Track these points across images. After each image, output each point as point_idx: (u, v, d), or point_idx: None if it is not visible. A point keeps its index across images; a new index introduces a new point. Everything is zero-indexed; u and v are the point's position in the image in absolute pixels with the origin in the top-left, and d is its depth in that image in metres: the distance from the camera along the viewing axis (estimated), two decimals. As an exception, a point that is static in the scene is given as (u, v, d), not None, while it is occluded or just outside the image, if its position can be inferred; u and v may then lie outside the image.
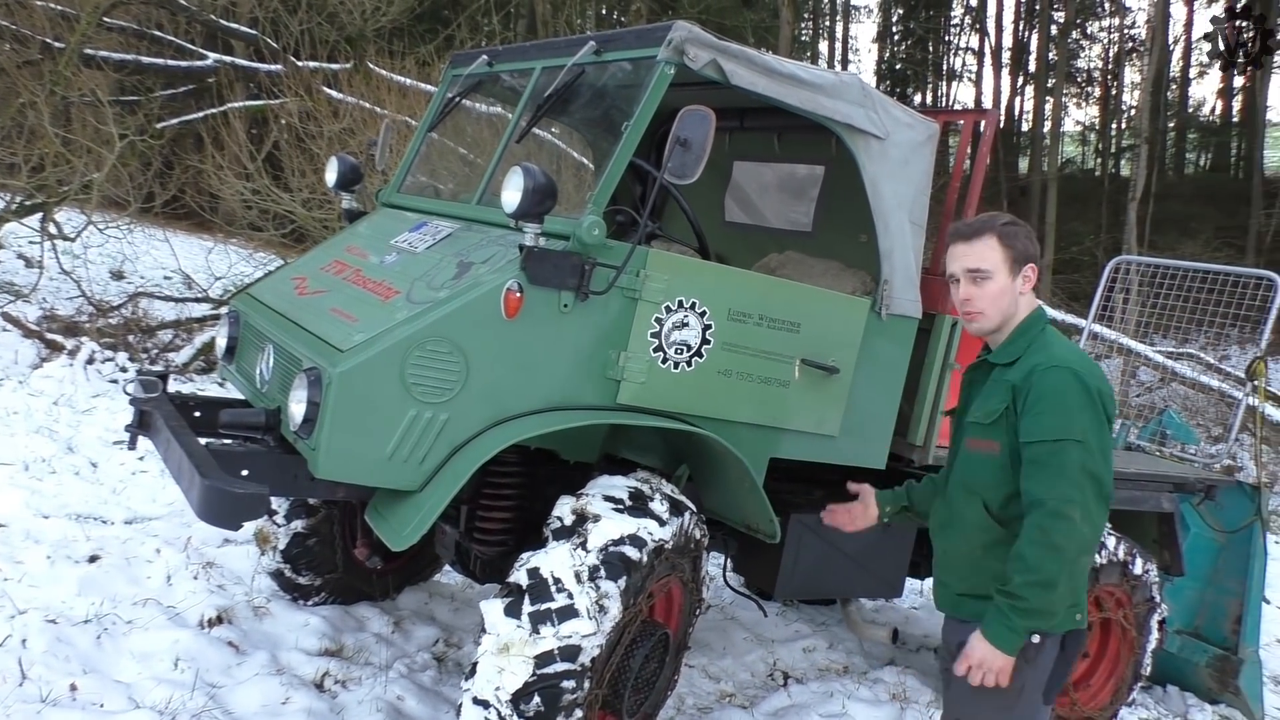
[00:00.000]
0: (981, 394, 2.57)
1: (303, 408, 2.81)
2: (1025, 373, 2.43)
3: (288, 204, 9.13)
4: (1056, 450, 2.31)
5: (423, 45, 11.89)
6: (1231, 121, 33.24)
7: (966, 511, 2.55)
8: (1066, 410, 2.34)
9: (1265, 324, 5.52)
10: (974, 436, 2.54)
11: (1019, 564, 2.32)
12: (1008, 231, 2.50)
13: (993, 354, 2.58)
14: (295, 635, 3.99)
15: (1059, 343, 2.52)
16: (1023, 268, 2.51)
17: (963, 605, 2.57)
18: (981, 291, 2.49)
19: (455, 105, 4.19)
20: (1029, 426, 2.37)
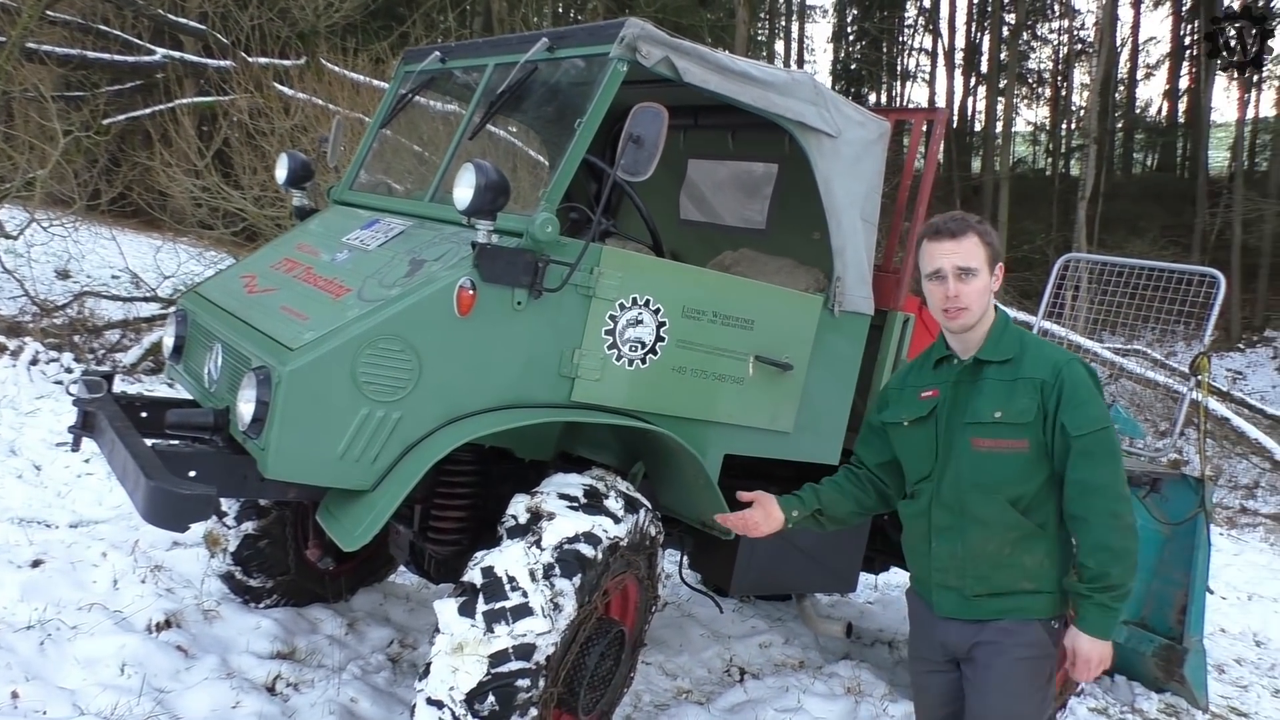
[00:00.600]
0: (985, 395, 2.53)
1: (252, 407, 2.77)
2: (1052, 369, 2.47)
3: (238, 201, 9.01)
4: (1103, 438, 2.41)
5: (377, 42, 11.78)
6: (1177, 123, 33.88)
7: (987, 512, 2.51)
8: (1096, 400, 2.45)
9: (1208, 320, 5.64)
10: (993, 436, 2.50)
11: (1108, 555, 2.36)
12: (984, 230, 2.56)
13: (981, 352, 2.57)
14: (246, 638, 3.93)
15: (1043, 339, 2.63)
16: (995, 267, 2.57)
17: (981, 606, 2.53)
18: (969, 288, 2.51)
19: (408, 102, 4.15)
20: (1077, 419, 2.42)
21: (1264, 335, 23.50)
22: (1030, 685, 2.48)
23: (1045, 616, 2.51)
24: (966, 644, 2.55)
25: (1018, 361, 2.52)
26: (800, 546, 4.07)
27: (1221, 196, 25.17)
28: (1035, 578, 2.50)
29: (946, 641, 2.60)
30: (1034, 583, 2.50)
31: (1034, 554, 2.49)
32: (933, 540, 2.61)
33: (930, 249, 2.57)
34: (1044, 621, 2.51)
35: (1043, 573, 2.50)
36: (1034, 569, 2.50)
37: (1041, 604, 2.51)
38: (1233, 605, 7.59)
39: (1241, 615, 7.32)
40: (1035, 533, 2.49)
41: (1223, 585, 7.91)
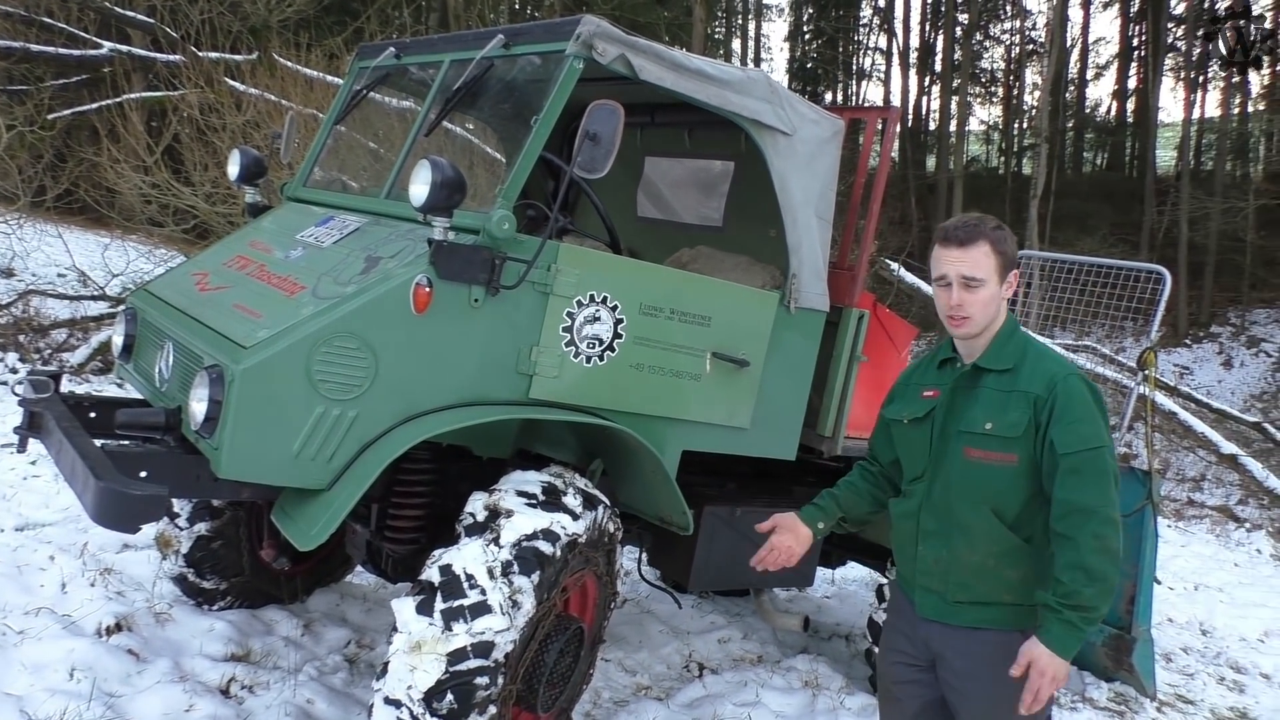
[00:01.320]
0: (981, 404, 2.48)
1: (204, 406, 2.74)
2: (1045, 383, 2.40)
3: (189, 198, 8.87)
4: (1095, 457, 2.33)
5: (330, 38, 11.66)
6: (1126, 122, 34.50)
7: (972, 521, 2.47)
8: (1093, 418, 2.37)
9: (1155, 315, 5.76)
10: (983, 447, 2.45)
11: (1084, 575, 2.28)
12: (998, 237, 2.45)
13: (982, 359, 2.51)
14: (199, 641, 3.88)
15: (1047, 349, 2.53)
16: (1008, 275, 2.48)
17: (961, 613, 2.49)
18: (974, 298, 2.44)
19: (362, 98, 4.12)
20: (1066, 437, 2.35)
21: (1210, 331, 24.03)
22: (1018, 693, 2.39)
23: (1025, 628, 2.45)
24: (946, 648, 2.52)
25: (1016, 372, 2.46)
26: (758, 542, 4.09)
27: (1169, 195, 25.67)
28: (1017, 591, 2.45)
29: (928, 641, 2.56)
30: (1015, 595, 2.46)
31: (1018, 567, 2.45)
32: (920, 543, 2.56)
33: (939, 254, 2.49)
34: (1024, 632, 2.43)
35: (1026, 586, 2.45)
36: (1016, 582, 2.45)
37: (1022, 616, 2.46)
38: (1180, 595, 7.76)
39: (1188, 605, 7.48)
40: (1020, 547, 2.45)
41: (1170, 576, 8.08)
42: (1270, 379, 21.43)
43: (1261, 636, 6.97)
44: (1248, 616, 7.39)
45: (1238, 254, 24.10)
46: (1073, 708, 4.97)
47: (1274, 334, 22.87)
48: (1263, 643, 6.85)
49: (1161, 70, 29.17)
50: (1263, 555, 10.27)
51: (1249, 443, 13.74)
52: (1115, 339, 15.70)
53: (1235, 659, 6.30)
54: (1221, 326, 24.23)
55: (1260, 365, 22.22)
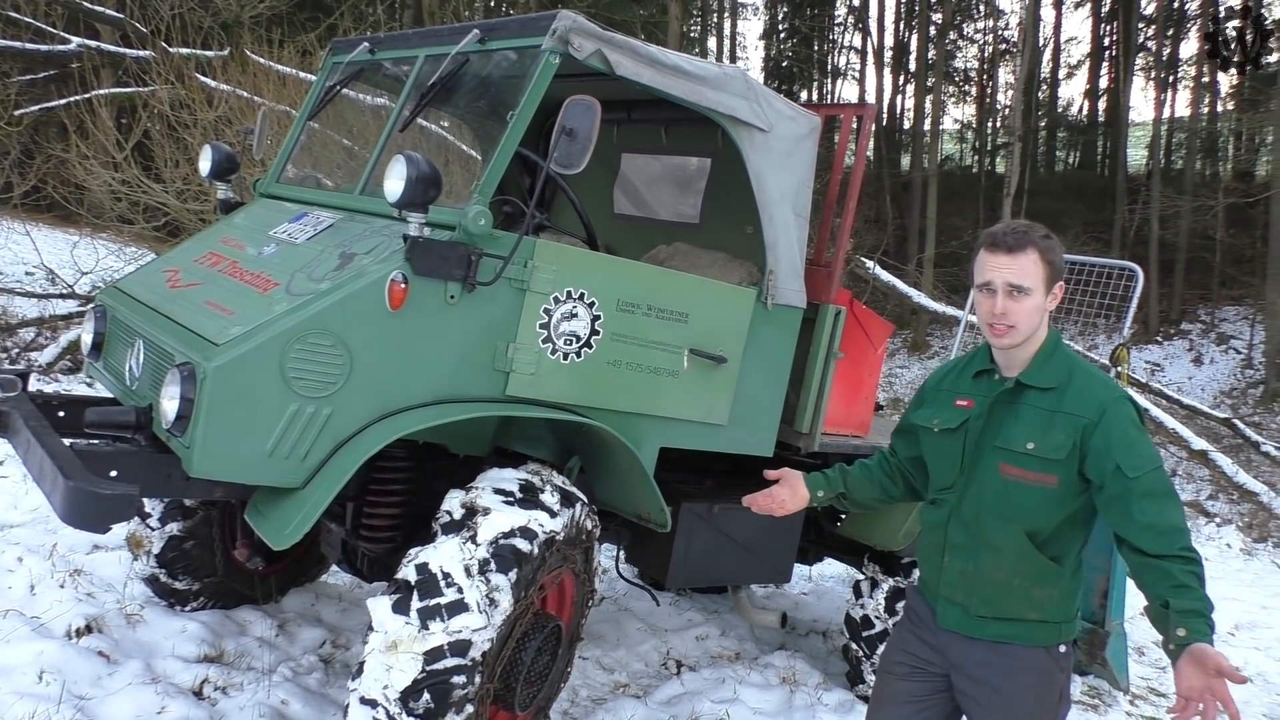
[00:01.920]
0: (1023, 421, 2.41)
1: (176, 404, 2.70)
2: (1095, 407, 2.33)
3: (160, 195, 8.77)
4: (1158, 477, 2.28)
5: (304, 34, 11.55)
6: (1097, 121, 34.77)
7: (1002, 540, 2.41)
8: (1145, 439, 2.33)
9: (1127, 312, 5.81)
10: (1021, 466, 2.38)
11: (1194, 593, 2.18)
12: (1047, 246, 2.38)
13: (1025, 375, 2.43)
14: (172, 642, 3.84)
15: (1094, 368, 2.46)
16: (1054, 286, 2.41)
17: (985, 628, 2.45)
18: (1019, 307, 2.36)
19: (336, 94, 4.09)
20: (1132, 461, 2.28)
21: (1180, 328, 24.30)
22: (1041, 704, 2.43)
23: (1048, 644, 2.44)
24: (966, 659, 2.48)
25: (1061, 391, 2.38)
26: (736, 539, 4.11)
27: (1140, 194, 25.91)
28: (1042, 609, 2.42)
29: (946, 651, 2.52)
30: (1040, 613, 2.42)
31: (1044, 587, 2.41)
32: (946, 554, 2.51)
33: (984, 260, 2.41)
34: (1049, 648, 2.44)
35: (1051, 605, 2.42)
36: (1043, 601, 2.41)
37: (1046, 633, 2.43)
38: (1152, 589, 7.82)
39: (1160, 599, 7.55)
40: (1049, 567, 2.40)
41: (1142, 570, 8.14)
42: (1239, 375, 21.70)
43: (1232, 630, 7.05)
44: (1218, 610, 7.42)
45: (1208, 252, 24.38)
46: (1047, 701, 5.00)
47: (1243, 331, 23.15)
48: (1233, 635, 6.93)
49: (1132, 70, 29.45)
50: (1233, 550, 10.40)
51: (1219, 439, 13.92)
52: (1088, 336, 15.85)
53: (1206, 652, 6.37)
54: (1192, 324, 24.51)
55: (1229, 362, 22.50)
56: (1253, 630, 7.12)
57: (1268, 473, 13.50)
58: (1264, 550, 10.53)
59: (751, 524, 4.15)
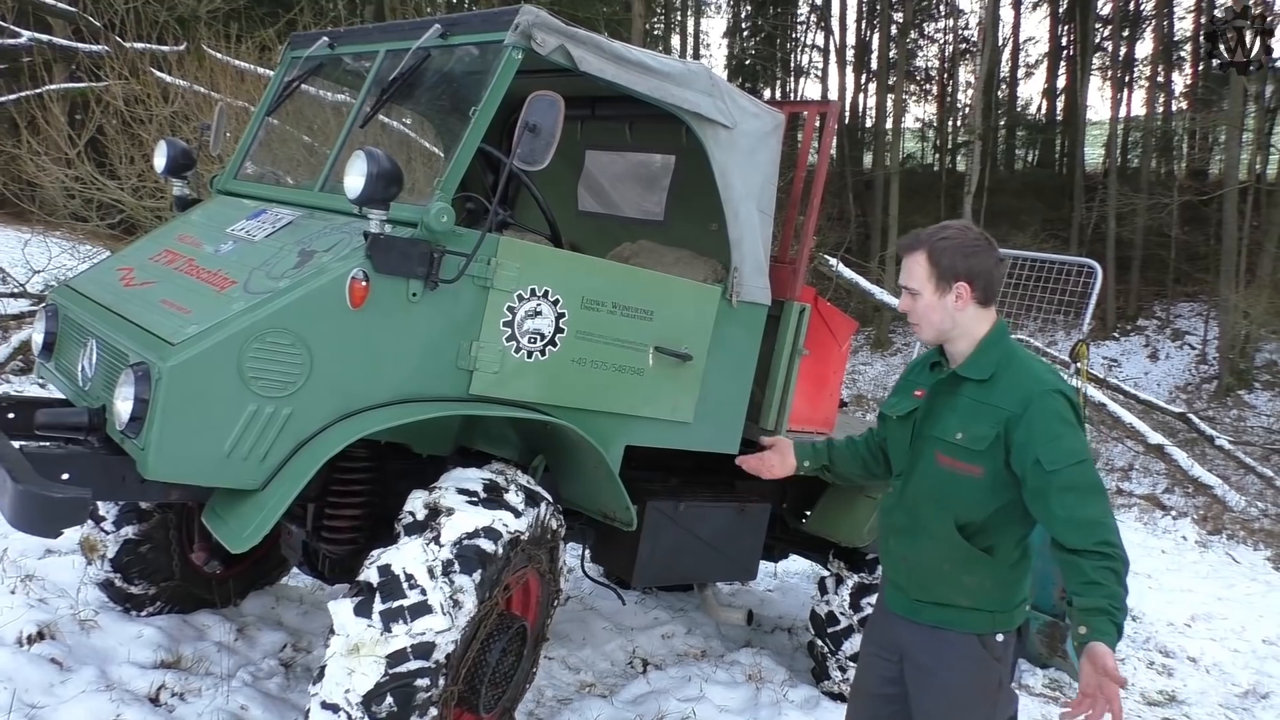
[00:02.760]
0: (956, 412, 2.47)
1: (130, 405, 2.65)
2: (1020, 400, 2.36)
3: (114, 192, 8.61)
4: (1083, 471, 2.30)
5: (262, 29, 11.38)
6: (1055, 120, 35.22)
7: (935, 526, 2.48)
8: (1074, 432, 2.35)
9: (1086, 309, 5.89)
10: (951, 455, 2.45)
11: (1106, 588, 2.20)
12: (939, 247, 2.44)
13: (961, 367, 2.49)
14: (127, 648, 3.76)
15: (1031, 360, 2.49)
16: (952, 285, 2.44)
17: (923, 612, 2.52)
18: (915, 305, 2.49)
19: (295, 89, 4.02)
20: (1051, 455, 2.30)
21: (1137, 324, 24.67)
22: (977, 692, 2.48)
23: (981, 632, 2.48)
24: (909, 644, 2.55)
25: (992, 384, 2.43)
26: (701, 536, 4.10)
27: (1097, 192, 26.27)
28: (973, 596, 2.46)
29: (896, 635, 2.60)
30: (970, 600, 2.47)
31: (975, 575, 2.45)
32: (891, 538, 2.60)
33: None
34: (983, 636, 2.48)
35: (983, 593, 2.46)
36: (973, 588, 2.46)
37: (979, 621, 2.47)
38: (1111, 582, 7.93)
39: (1118, 591, 7.65)
40: (979, 556, 2.44)
41: (1101, 563, 8.25)
42: (1194, 371, 22.08)
43: (1188, 621, 7.16)
44: (1175, 602, 7.60)
45: (1163, 249, 24.78)
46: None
47: (1197, 327, 23.56)
48: (1189, 627, 7.04)
49: (1089, 70, 29.86)
50: (1188, 542, 10.57)
51: (1174, 433, 14.15)
52: (1047, 332, 16.04)
53: (1164, 643, 6.47)
54: (1148, 320, 24.89)
55: (1184, 357, 22.89)
56: (1208, 621, 7.23)
57: (1221, 466, 13.76)
58: (1218, 542, 10.71)
59: (717, 522, 4.15)
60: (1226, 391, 19.68)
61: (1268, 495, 12.81)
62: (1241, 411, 19.01)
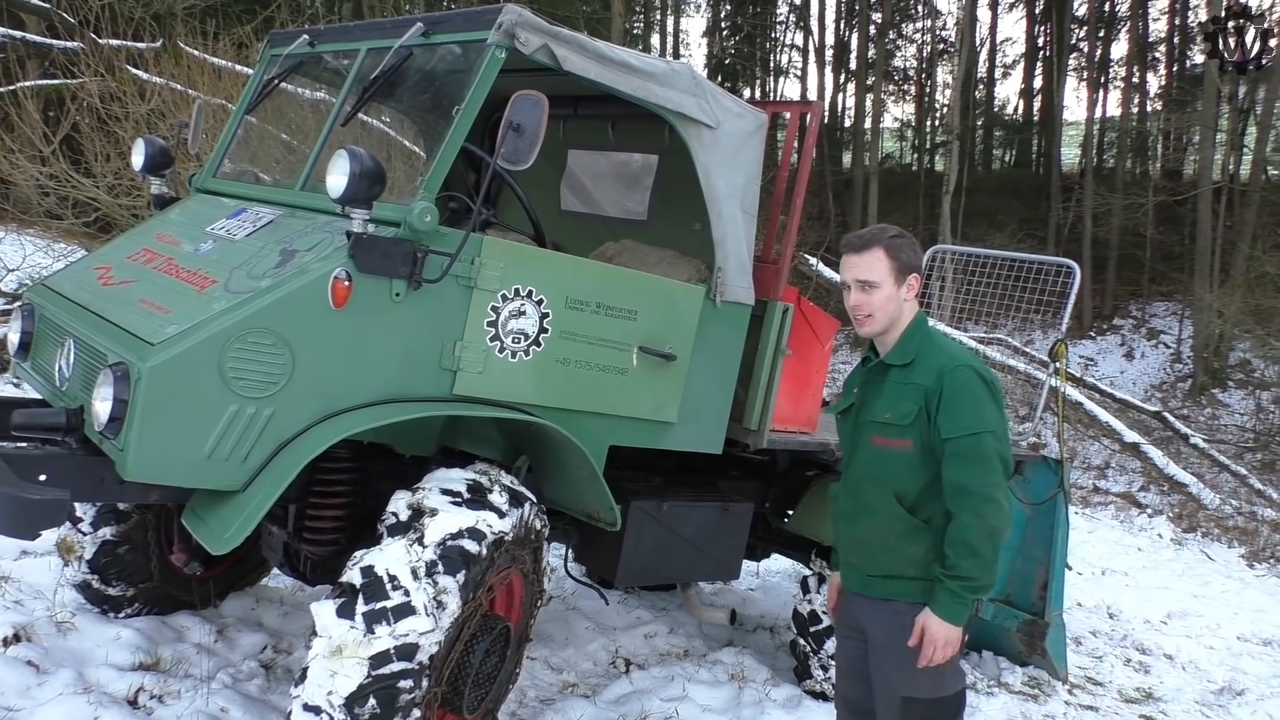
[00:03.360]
0: (883, 396, 2.69)
1: (109, 406, 2.62)
2: (934, 375, 2.60)
3: (90, 190, 8.51)
4: (976, 442, 2.53)
5: (239, 26, 11.30)
6: (1032, 120, 35.47)
7: (877, 502, 2.68)
8: (978, 405, 2.56)
9: (1065, 309, 5.92)
10: (883, 435, 2.67)
11: (963, 549, 2.51)
12: (894, 244, 2.67)
13: (887, 356, 2.71)
14: (105, 650, 3.72)
15: (948, 342, 2.74)
16: (907, 277, 2.68)
17: (874, 586, 2.71)
18: (869, 299, 2.66)
19: (275, 87, 3.99)
20: (949, 424, 2.55)
21: (1113, 323, 24.90)
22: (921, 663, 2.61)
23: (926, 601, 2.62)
24: (866, 619, 2.74)
25: (913, 365, 2.66)
26: (684, 536, 4.10)
27: (1073, 191, 26.49)
28: (918, 566, 2.64)
29: (856, 613, 2.79)
30: (916, 570, 2.64)
31: (918, 546, 2.63)
32: (841, 522, 2.81)
33: (842, 262, 2.73)
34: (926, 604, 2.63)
35: (926, 563, 2.63)
36: (918, 559, 2.63)
37: (927, 589, 2.62)
38: (1088, 580, 8.01)
39: (1096, 589, 7.74)
40: (920, 527, 2.63)
41: (1079, 561, 8.34)
42: (1169, 369, 22.30)
43: (1164, 618, 7.24)
44: (1151, 599, 7.68)
45: (1138, 249, 25.01)
46: (989, 692, 5.09)
47: (1172, 326, 23.79)
48: (1165, 624, 7.12)
49: (1065, 70, 30.09)
50: (1164, 540, 10.68)
51: (1150, 431, 14.29)
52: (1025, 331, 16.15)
53: (1140, 641, 6.53)
54: (1124, 319, 25.12)
55: (1159, 356, 23.11)
56: (1184, 619, 7.31)
57: (1196, 464, 13.91)
58: (1193, 540, 10.83)
59: (700, 521, 4.15)
60: (1201, 390, 19.89)
61: (1241, 493, 12.97)
62: (1215, 410, 19.21)
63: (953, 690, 2.68)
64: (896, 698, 2.66)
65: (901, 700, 2.66)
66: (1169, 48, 31.04)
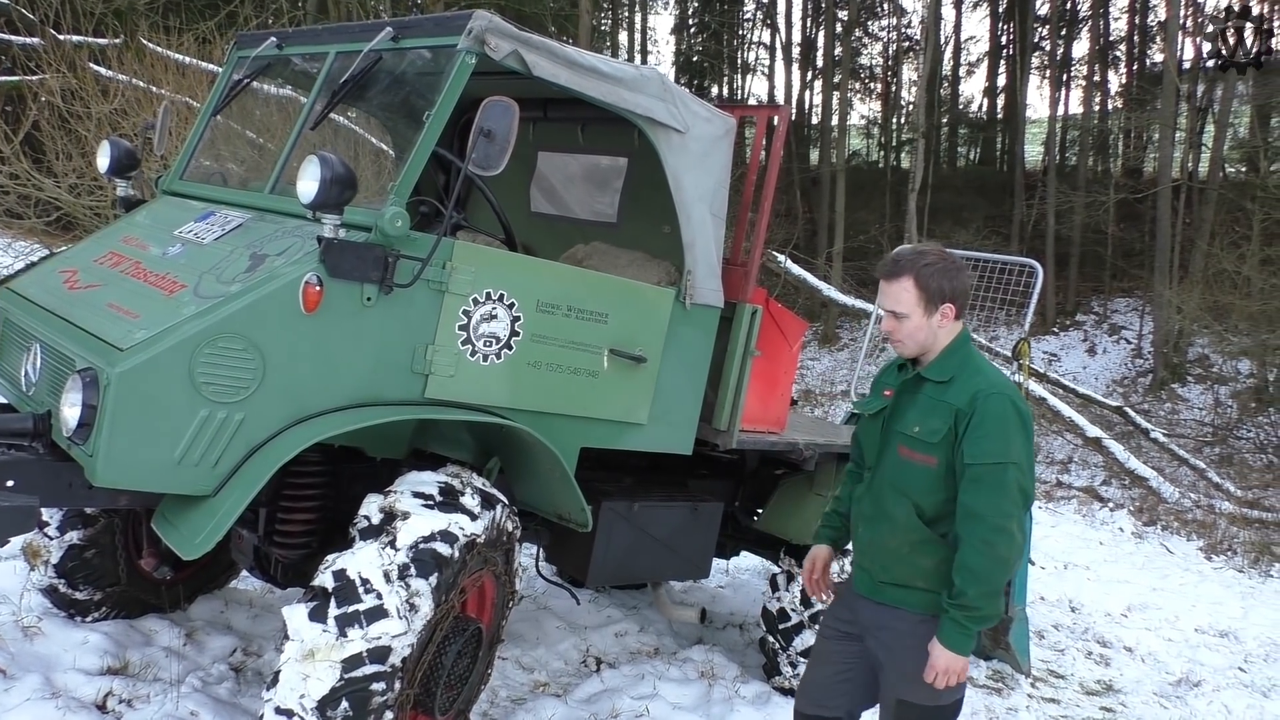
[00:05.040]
0: (915, 408, 2.69)
1: (78, 411, 2.61)
2: (968, 398, 2.59)
3: (51, 190, 8.40)
4: (998, 471, 2.52)
5: (202, 21, 11.18)
6: (996, 118, 35.79)
7: (896, 511, 2.70)
8: (1006, 435, 2.55)
9: (1028, 307, 6.01)
10: (910, 447, 2.68)
11: (969, 576, 2.51)
12: (925, 273, 2.63)
13: (926, 369, 2.71)
14: (73, 655, 3.70)
15: (987, 366, 2.72)
16: (940, 306, 2.65)
17: (884, 592, 2.73)
18: (900, 327, 2.68)
19: (242, 89, 3.97)
20: (973, 450, 2.55)
21: (1075, 319, 25.20)
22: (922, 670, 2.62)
23: (934, 613, 2.66)
24: (873, 622, 2.77)
25: (950, 384, 2.66)
26: (655, 535, 4.13)
27: (1037, 189, 26.74)
28: (929, 579, 2.66)
29: (861, 615, 2.81)
30: (928, 583, 2.66)
31: (932, 558, 2.66)
32: (860, 525, 2.82)
33: (880, 287, 2.73)
34: (934, 617, 2.65)
35: (938, 576, 2.65)
36: (930, 571, 2.66)
37: (934, 602, 2.65)
38: (1051, 574, 8.14)
39: (1058, 583, 7.86)
40: (935, 540, 2.65)
41: (1042, 556, 8.47)
42: (1130, 365, 22.61)
43: (1125, 611, 7.37)
44: (1112, 593, 7.81)
45: (1100, 246, 25.32)
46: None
47: (1133, 322, 24.11)
48: (1125, 617, 7.25)
49: (1028, 68, 30.39)
50: (1125, 533, 10.86)
51: (1111, 426, 14.51)
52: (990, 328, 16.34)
53: (1101, 634, 6.65)
54: (1086, 315, 25.41)
55: (1121, 352, 23.42)
56: (1144, 611, 7.45)
57: (1156, 458, 14.13)
58: (1154, 533, 11.02)
59: (671, 521, 4.19)
60: (1161, 385, 20.19)
61: (1200, 486, 13.19)
62: (1175, 405, 19.52)
63: (949, 700, 2.72)
64: (892, 699, 2.73)
65: (896, 702, 2.72)
66: (1129, 47, 31.46)
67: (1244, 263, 17.02)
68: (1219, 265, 17.60)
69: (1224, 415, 18.16)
